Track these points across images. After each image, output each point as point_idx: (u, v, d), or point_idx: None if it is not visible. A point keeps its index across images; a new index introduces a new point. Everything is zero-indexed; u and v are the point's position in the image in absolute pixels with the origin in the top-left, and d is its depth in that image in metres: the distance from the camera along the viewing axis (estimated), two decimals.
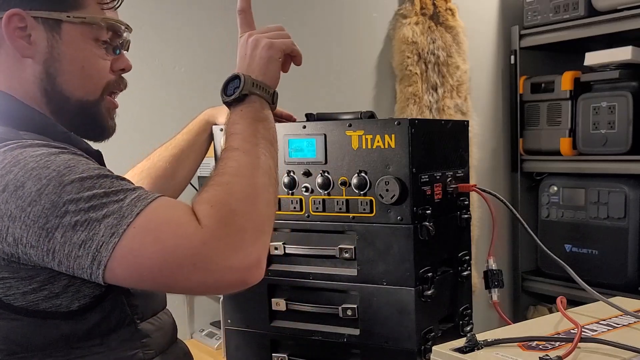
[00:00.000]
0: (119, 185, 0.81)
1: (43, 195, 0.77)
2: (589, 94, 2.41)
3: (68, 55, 0.93)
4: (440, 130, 1.22)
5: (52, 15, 0.91)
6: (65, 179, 0.78)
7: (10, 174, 0.78)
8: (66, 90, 0.93)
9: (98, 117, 0.97)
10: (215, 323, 1.89)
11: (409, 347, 1.11)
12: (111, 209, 0.78)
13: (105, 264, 0.77)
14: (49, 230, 0.77)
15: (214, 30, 2.00)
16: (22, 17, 0.90)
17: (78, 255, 0.77)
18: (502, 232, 2.71)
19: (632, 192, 2.28)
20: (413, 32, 2.36)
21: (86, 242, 0.77)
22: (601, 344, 0.92)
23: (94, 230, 0.77)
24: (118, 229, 0.77)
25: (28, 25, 0.90)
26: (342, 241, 1.16)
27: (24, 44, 0.91)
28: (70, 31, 0.92)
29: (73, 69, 0.93)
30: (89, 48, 0.94)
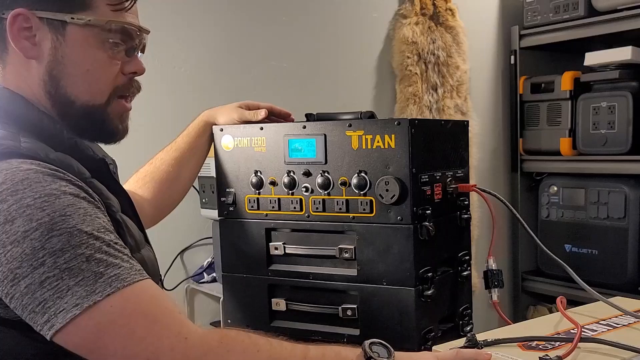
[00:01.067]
0: (105, 253, 0.78)
1: (27, 240, 0.75)
2: (589, 94, 2.41)
3: (72, 57, 0.91)
4: (440, 130, 1.22)
5: (56, 16, 0.89)
6: (55, 228, 0.75)
7: (5, 203, 0.76)
8: (70, 93, 0.92)
9: (106, 121, 0.95)
10: (215, 323, 1.89)
11: (409, 347, 1.11)
12: (85, 278, 0.75)
13: (57, 330, 0.75)
14: (17, 276, 0.75)
15: (214, 31, 2.01)
16: (27, 18, 0.88)
17: (34, 310, 0.75)
18: (502, 232, 2.71)
19: (632, 192, 2.28)
20: (413, 32, 2.36)
21: (47, 302, 0.75)
22: (601, 344, 0.92)
23: (59, 294, 0.74)
24: (83, 303, 0.74)
25: (33, 26, 0.89)
26: (342, 241, 1.16)
27: (28, 45, 0.89)
28: (74, 33, 0.90)
29: (77, 72, 0.91)
30: (95, 51, 0.92)
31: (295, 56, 2.17)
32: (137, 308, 0.77)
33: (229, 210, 1.26)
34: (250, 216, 1.24)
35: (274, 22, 2.13)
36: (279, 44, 2.14)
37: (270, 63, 2.12)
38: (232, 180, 1.25)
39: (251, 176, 1.22)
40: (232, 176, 1.25)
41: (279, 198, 1.20)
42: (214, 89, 1.99)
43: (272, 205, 1.21)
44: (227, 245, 1.28)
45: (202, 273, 1.94)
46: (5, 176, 0.77)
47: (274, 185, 1.20)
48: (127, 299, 0.77)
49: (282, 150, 1.19)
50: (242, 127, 1.25)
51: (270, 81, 2.11)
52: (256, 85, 2.07)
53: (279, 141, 1.20)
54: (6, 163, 0.79)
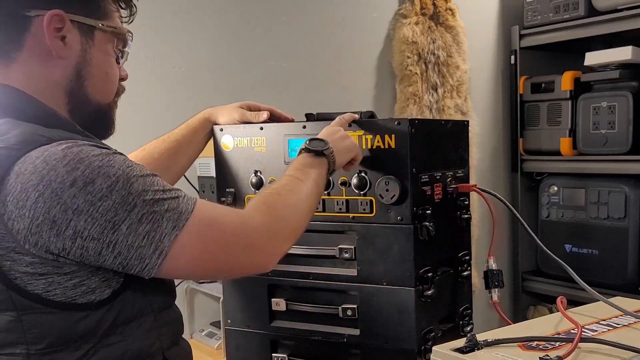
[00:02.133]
0: (167, 184, 0.89)
1: (114, 192, 0.83)
2: (589, 94, 2.41)
3: (98, 60, 0.98)
4: (440, 130, 1.22)
5: (88, 21, 0.96)
6: (131, 175, 0.85)
7: (77, 170, 0.82)
8: (90, 93, 0.98)
9: (109, 118, 1.03)
10: (215, 323, 1.89)
11: (409, 347, 1.11)
12: (171, 204, 0.86)
13: (167, 254, 0.84)
14: (116, 222, 0.83)
15: (214, 31, 2.00)
16: (62, 19, 0.93)
17: (141, 245, 0.84)
18: (502, 232, 2.71)
19: (632, 192, 2.28)
20: (413, 32, 2.36)
21: (150, 233, 0.84)
22: (601, 344, 0.92)
23: (157, 223, 0.84)
24: (179, 223, 0.85)
25: (65, 27, 0.94)
26: (342, 241, 1.16)
27: (60, 45, 0.94)
28: (101, 38, 0.98)
29: (99, 73, 0.99)
30: (112, 56, 1.00)
31: (295, 56, 2.17)
32: (212, 213, 0.91)
33: None
34: None
35: (274, 22, 2.13)
36: (279, 44, 2.14)
37: (270, 63, 2.12)
38: (232, 180, 1.25)
39: (251, 176, 1.22)
40: (232, 176, 1.25)
41: None
42: (214, 89, 1.99)
43: None
44: None
45: None
46: (63, 152, 0.83)
47: None
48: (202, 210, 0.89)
49: (282, 150, 1.19)
50: (242, 127, 1.25)
51: (270, 81, 2.11)
52: (256, 85, 2.07)
53: (279, 141, 1.20)
54: (53, 147, 0.84)
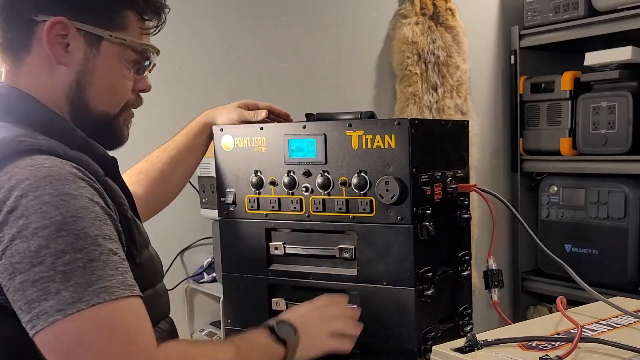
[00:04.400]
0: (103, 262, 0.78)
1: (35, 237, 0.76)
2: (589, 94, 2.41)
3: (101, 70, 0.96)
4: (440, 130, 1.22)
5: (95, 31, 0.94)
6: (64, 228, 0.77)
7: (25, 198, 0.78)
8: (92, 102, 0.96)
9: (115, 129, 1.01)
10: (215, 323, 1.89)
11: (409, 347, 1.11)
12: (76, 284, 0.76)
13: (37, 332, 0.76)
14: (15, 270, 0.76)
15: (214, 31, 2.01)
16: (65, 26, 0.92)
17: (21, 308, 0.77)
18: (502, 232, 2.71)
19: (632, 192, 2.28)
20: (413, 32, 2.36)
21: (34, 302, 0.75)
22: (601, 344, 0.92)
23: (46, 296, 0.75)
24: (66, 309, 0.75)
25: (69, 35, 0.93)
26: (342, 241, 1.16)
27: (61, 51, 0.93)
28: (108, 49, 0.96)
29: (103, 84, 0.97)
30: (121, 68, 0.98)
31: (295, 56, 2.17)
32: (119, 324, 0.78)
33: (229, 210, 1.26)
34: (250, 216, 1.24)
35: (274, 23, 2.13)
36: (279, 44, 2.14)
37: (270, 63, 2.12)
38: (232, 180, 1.25)
39: (251, 176, 1.22)
40: (232, 176, 1.25)
41: (279, 198, 1.20)
42: (214, 89, 1.99)
43: (272, 205, 1.21)
44: (227, 245, 1.28)
45: (202, 273, 1.94)
46: (29, 172, 0.80)
47: (274, 185, 1.20)
48: (113, 312, 0.77)
49: (282, 150, 1.19)
50: (242, 127, 1.25)
51: (270, 81, 2.11)
52: (256, 85, 2.07)
53: (279, 141, 1.20)
54: (30, 159, 0.81)
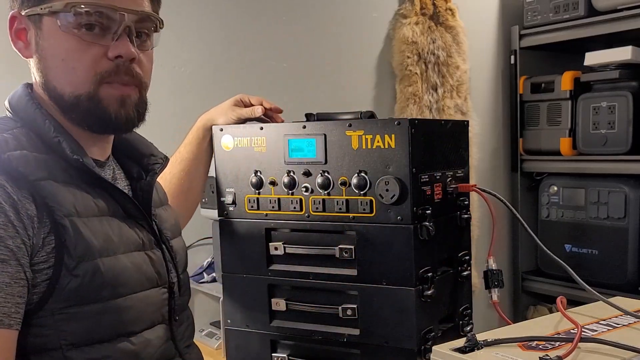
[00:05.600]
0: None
1: None
2: (589, 94, 2.41)
3: (49, 50, 0.90)
4: (440, 130, 1.22)
5: (33, 10, 0.89)
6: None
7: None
8: (58, 87, 0.91)
9: (97, 110, 0.91)
10: (215, 323, 1.89)
11: (409, 347, 1.11)
12: None
13: None
14: None
15: (214, 31, 2.01)
16: (19, 19, 0.89)
17: None
18: (502, 232, 2.71)
19: (632, 192, 2.28)
20: (413, 32, 2.36)
21: None
22: (601, 344, 0.92)
23: None
24: None
25: (25, 26, 0.89)
26: (342, 241, 1.16)
27: (23, 45, 0.90)
28: (48, 24, 0.89)
29: (55, 63, 0.90)
30: (67, 38, 0.88)
31: (295, 56, 2.17)
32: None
33: (229, 210, 1.26)
34: (250, 216, 1.24)
35: (274, 22, 2.13)
36: (279, 44, 2.14)
37: (270, 63, 2.12)
38: (232, 180, 1.25)
39: (251, 176, 1.22)
40: (232, 176, 1.25)
41: (279, 198, 1.20)
42: (214, 89, 1.99)
43: (272, 205, 1.21)
44: (227, 245, 1.28)
45: (202, 273, 1.94)
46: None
47: (274, 185, 1.20)
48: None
49: (282, 150, 1.19)
50: (242, 127, 1.25)
51: (270, 81, 2.11)
52: (256, 85, 2.07)
53: (279, 141, 1.20)
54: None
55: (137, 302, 0.94)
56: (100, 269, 0.88)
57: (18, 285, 0.80)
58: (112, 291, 0.90)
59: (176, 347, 1.03)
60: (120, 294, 0.91)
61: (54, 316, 0.85)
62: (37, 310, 0.84)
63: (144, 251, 0.99)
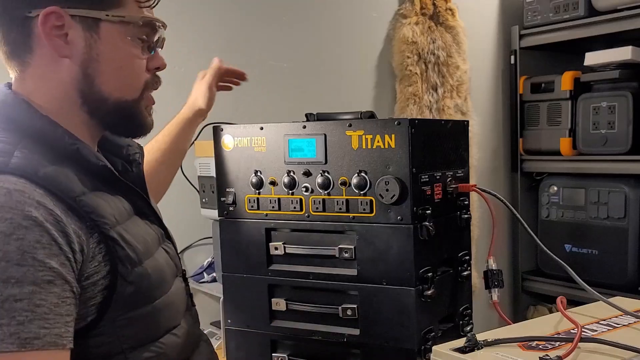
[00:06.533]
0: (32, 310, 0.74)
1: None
2: (589, 94, 2.41)
3: (106, 55, 0.90)
4: (440, 130, 1.22)
5: (90, 13, 0.88)
6: (14, 258, 0.74)
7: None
8: (105, 91, 0.91)
9: (137, 116, 0.95)
10: (215, 323, 1.89)
11: (409, 347, 1.11)
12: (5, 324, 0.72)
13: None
14: None
15: (214, 31, 2.00)
16: (59, 15, 0.86)
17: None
18: (502, 232, 2.71)
19: (632, 192, 2.28)
20: (413, 32, 2.36)
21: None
22: (601, 344, 0.92)
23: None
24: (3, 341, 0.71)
25: (65, 24, 0.87)
26: (342, 241, 1.16)
27: (61, 43, 0.88)
28: (108, 30, 0.89)
29: (111, 69, 0.91)
30: (127, 48, 0.92)
31: (295, 56, 2.17)
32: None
33: (229, 210, 1.26)
34: (250, 216, 1.24)
35: (274, 22, 2.13)
36: (279, 44, 2.14)
37: (270, 63, 2.12)
38: (232, 180, 1.25)
39: (251, 176, 1.22)
40: (232, 176, 1.25)
41: (279, 198, 1.20)
42: None
43: (272, 205, 1.21)
44: (227, 245, 1.28)
45: (202, 273, 1.94)
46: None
47: (274, 185, 1.20)
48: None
49: (282, 150, 1.19)
50: (242, 127, 1.25)
51: (270, 81, 2.11)
52: (256, 85, 2.07)
53: (279, 141, 1.20)
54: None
55: (174, 296, 0.98)
56: (148, 272, 0.91)
57: (65, 304, 0.80)
58: (158, 290, 0.93)
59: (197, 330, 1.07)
60: (164, 292, 0.95)
61: (114, 323, 0.86)
62: (98, 320, 0.85)
63: (161, 245, 1.01)
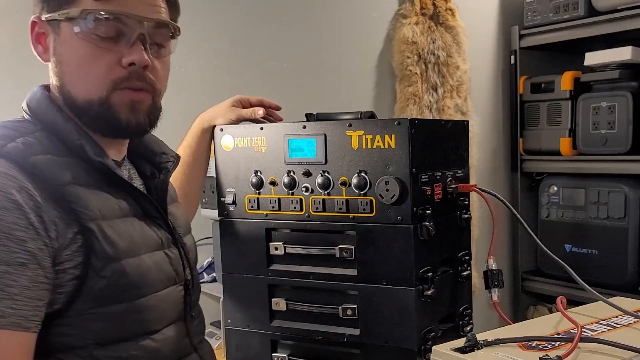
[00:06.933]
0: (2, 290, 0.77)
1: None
2: (589, 94, 2.41)
3: (66, 55, 0.91)
4: (440, 130, 1.22)
5: (52, 16, 0.91)
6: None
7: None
8: (72, 91, 0.92)
9: (108, 115, 0.92)
10: (215, 323, 1.89)
11: (409, 347, 1.11)
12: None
13: None
14: None
15: (214, 31, 2.00)
16: (39, 23, 0.91)
17: None
18: (502, 232, 2.71)
19: (632, 192, 2.28)
20: (413, 32, 2.36)
21: None
22: (601, 344, 0.92)
23: None
24: None
25: (45, 31, 0.92)
26: (342, 241, 1.16)
27: (42, 49, 0.92)
28: (65, 30, 0.90)
29: (71, 69, 0.92)
30: (83, 45, 0.89)
31: (295, 56, 2.17)
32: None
33: (229, 210, 1.26)
34: (250, 216, 1.24)
35: (274, 22, 2.13)
36: (279, 44, 2.14)
37: (270, 63, 2.12)
38: (232, 180, 1.25)
39: (251, 176, 1.22)
40: (232, 176, 1.25)
41: (279, 198, 1.20)
42: (213, 89, 1.98)
43: (272, 205, 1.21)
44: (227, 245, 1.28)
45: (202, 273, 1.94)
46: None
47: (274, 185, 1.20)
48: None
49: (282, 150, 1.19)
50: (242, 127, 1.25)
51: (270, 81, 2.11)
52: (256, 85, 2.07)
53: (279, 141, 1.20)
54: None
55: (159, 301, 0.96)
56: (126, 270, 0.90)
57: (37, 288, 0.81)
58: (136, 291, 0.92)
59: (191, 343, 1.05)
60: (144, 294, 0.93)
61: (81, 316, 0.86)
62: (65, 310, 0.85)
63: (163, 250, 1.01)
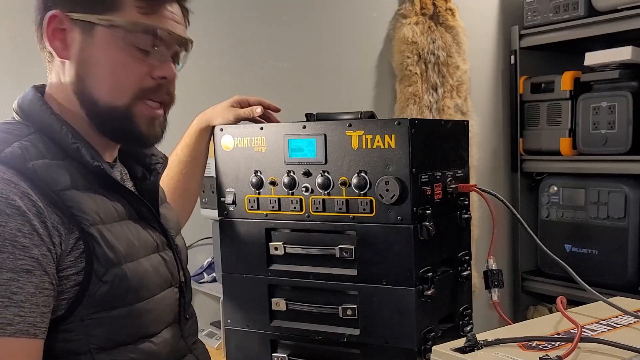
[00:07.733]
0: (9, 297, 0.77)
1: None
2: (589, 94, 2.41)
3: (98, 58, 0.93)
4: (440, 130, 1.22)
5: (86, 17, 0.92)
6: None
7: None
8: (95, 93, 0.93)
9: (129, 123, 0.95)
10: (215, 323, 1.89)
11: (409, 347, 1.11)
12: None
13: None
14: None
15: (214, 30, 2.00)
16: (60, 19, 0.92)
17: None
18: (502, 232, 2.71)
19: (632, 192, 2.28)
20: (413, 32, 2.36)
21: None
22: (601, 344, 0.92)
23: None
24: None
25: (67, 28, 0.92)
26: (342, 241, 1.16)
27: (60, 46, 0.93)
28: (102, 34, 0.92)
29: (101, 72, 0.93)
30: (119, 52, 0.93)
31: (295, 56, 2.17)
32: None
33: (229, 210, 1.26)
34: (250, 216, 1.24)
35: (274, 22, 2.13)
36: (279, 44, 2.14)
37: (270, 63, 2.12)
38: (232, 180, 1.25)
39: (251, 176, 1.22)
40: (232, 176, 1.25)
41: (279, 198, 1.20)
42: (213, 89, 1.98)
43: (272, 205, 1.21)
44: (227, 245, 1.28)
45: (202, 273, 1.94)
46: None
47: (274, 185, 1.20)
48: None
49: (282, 150, 1.19)
50: (242, 127, 1.25)
51: (270, 81, 2.11)
52: (256, 85, 2.07)
53: (279, 141, 1.20)
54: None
55: (157, 304, 0.97)
56: (127, 275, 0.91)
57: (43, 294, 0.82)
58: (136, 295, 0.93)
59: (186, 344, 1.06)
60: (143, 297, 0.94)
61: (84, 322, 0.87)
62: (67, 316, 0.86)
63: (159, 253, 1.01)
